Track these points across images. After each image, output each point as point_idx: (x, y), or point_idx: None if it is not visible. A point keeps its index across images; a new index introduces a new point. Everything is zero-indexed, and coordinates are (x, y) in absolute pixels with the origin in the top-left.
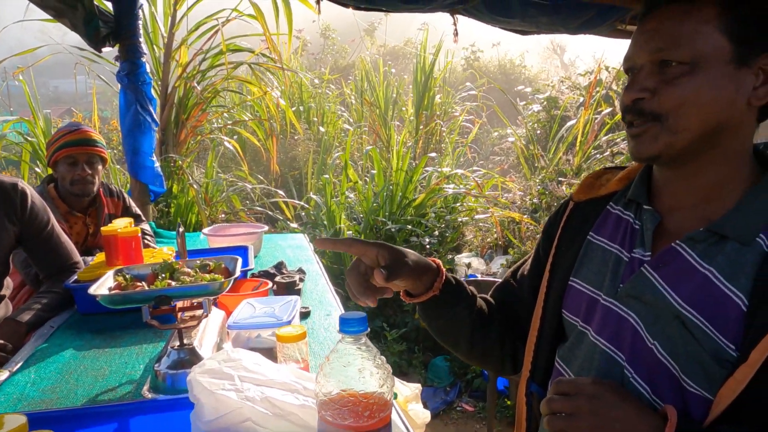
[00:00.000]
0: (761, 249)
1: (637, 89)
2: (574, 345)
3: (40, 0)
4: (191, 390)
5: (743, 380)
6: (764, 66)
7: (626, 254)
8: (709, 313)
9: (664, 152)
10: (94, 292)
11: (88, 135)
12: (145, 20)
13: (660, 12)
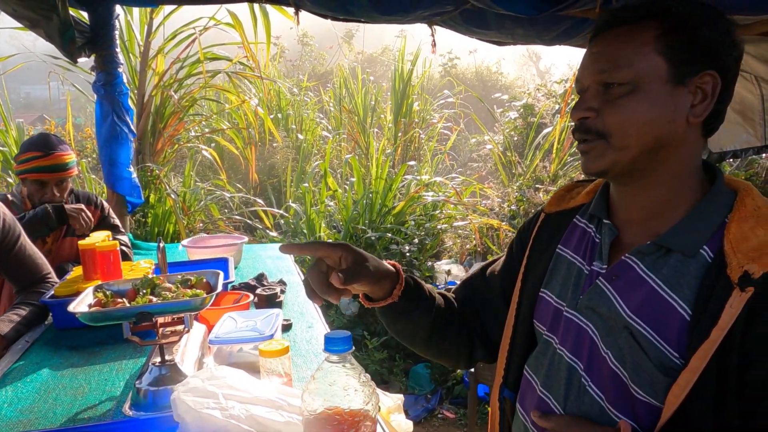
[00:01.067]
0: (704, 260)
1: (583, 109)
2: (541, 354)
3: (13, 10)
4: (175, 409)
5: (686, 386)
6: (700, 84)
7: (587, 267)
8: (655, 323)
9: (610, 168)
10: (74, 309)
11: (59, 159)
12: (121, 29)
13: (605, 36)
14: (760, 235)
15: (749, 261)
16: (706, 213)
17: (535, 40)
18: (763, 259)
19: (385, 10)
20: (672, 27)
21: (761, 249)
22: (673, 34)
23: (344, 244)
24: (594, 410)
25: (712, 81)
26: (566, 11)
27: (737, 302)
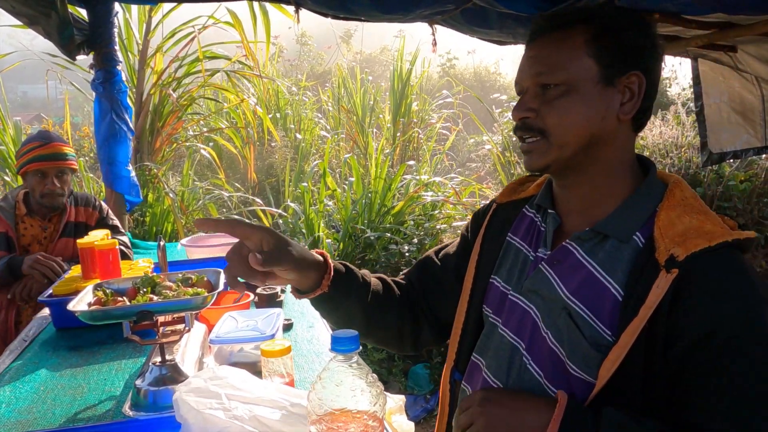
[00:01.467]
0: (636, 245)
1: (523, 109)
2: (487, 337)
3: (11, 7)
4: (178, 410)
5: (616, 360)
6: (627, 84)
7: (532, 253)
8: (591, 304)
9: (552, 164)
10: (74, 308)
11: (59, 149)
12: (120, 27)
13: (540, 40)
14: (686, 222)
15: (675, 245)
16: (639, 202)
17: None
18: (687, 243)
19: (386, 8)
20: (600, 32)
21: (686, 234)
22: (601, 38)
23: (265, 227)
24: (533, 387)
25: (638, 80)
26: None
27: (663, 283)
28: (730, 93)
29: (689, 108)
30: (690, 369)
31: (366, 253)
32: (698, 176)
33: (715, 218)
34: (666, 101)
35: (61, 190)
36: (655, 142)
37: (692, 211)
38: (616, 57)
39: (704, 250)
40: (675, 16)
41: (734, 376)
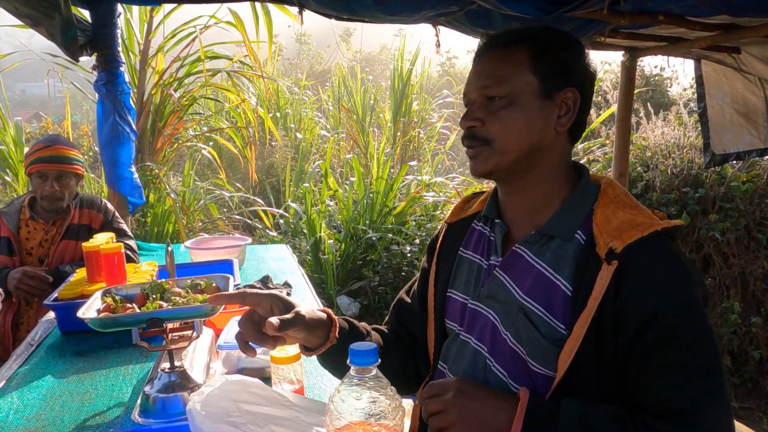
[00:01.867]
0: (579, 243)
1: (470, 119)
2: (450, 345)
3: (15, 9)
4: (192, 420)
5: (571, 352)
6: (564, 99)
7: (485, 262)
8: (544, 302)
9: (495, 170)
10: (83, 315)
11: (60, 152)
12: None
13: (487, 56)
14: (620, 217)
15: (613, 239)
16: (576, 203)
17: None
18: (622, 236)
19: (390, 10)
20: (540, 50)
21: (621, 228)
22: (541, 56)
23: (273, 294)
24: (499, 387)
25: (573, 96)
26: (573, 12)
27: (606, 274)
28: (733, 94)
29: (691, 108)
30: (636, 353)
31: (368, 254)
32: (700, 177)
33: (646, 211)
34: (667, 101)
35: (60, 193)
36: (656, 143)
37: (624, 207)
38: (554, 73)
39: (638, 241)
40: (679, 18)
41: (671, 355)
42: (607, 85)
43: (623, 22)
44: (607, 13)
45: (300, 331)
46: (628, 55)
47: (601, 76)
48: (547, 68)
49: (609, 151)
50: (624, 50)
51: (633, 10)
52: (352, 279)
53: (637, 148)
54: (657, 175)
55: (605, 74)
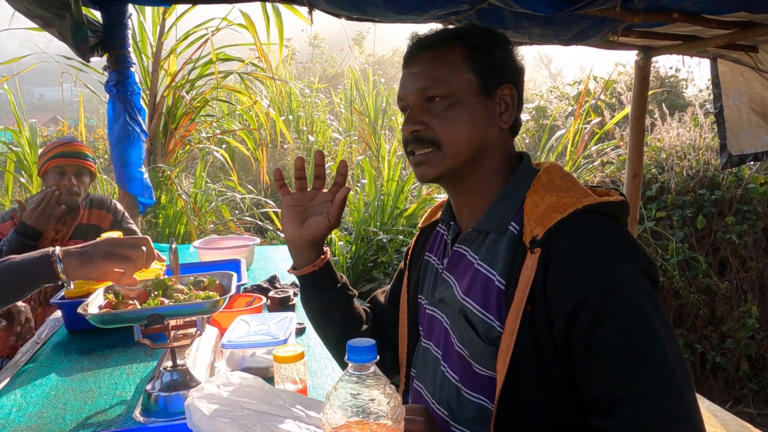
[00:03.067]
0: (512, 235)
1: (413, 123)
2: (417, 351)
3: (26, 9)
4: (190, 416)
5: (508, 349)
6: (502, 96)
7: (440, 265)
8: (481, 299)
9: (444, 173)
10: (84, 311)
11: (79, 148)
12: (134, 29)
13: (419, 57)
14: (547, 201)
15: (536, 225)
16: (509, 194)
17: (552, 40)
18: (544, 221)
19: (400, 9)
20: (474, 48)
21: (545, 213)
22: (477, 53)
23: None
24: (452, 393)
25: (510, 92)
26: (585, 10)
27: (530, 264)
28: (751, 94)
29: (707, 109)
30: (575, 344)
31: (378, 256)
32: (717, 179)
33: (578, 191)
34: (682, 102)
35: (77, 188)
36: (672, 144)
37: (555, 190)
38: (490, 70)
39: (559, 223)
40: (694, 16)
41: (606, 341)
42: (621, 86)
43: (637, 19)
44: (620, 10)
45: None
46: (642, 54)
47: (615, 77)
48: (484, 66)
49: (623, 152)
50: (638, 49)
51: (647, 7)
52: (363, 281)
53: (652, 150)
54: (672, 177)
55: (619, 75)
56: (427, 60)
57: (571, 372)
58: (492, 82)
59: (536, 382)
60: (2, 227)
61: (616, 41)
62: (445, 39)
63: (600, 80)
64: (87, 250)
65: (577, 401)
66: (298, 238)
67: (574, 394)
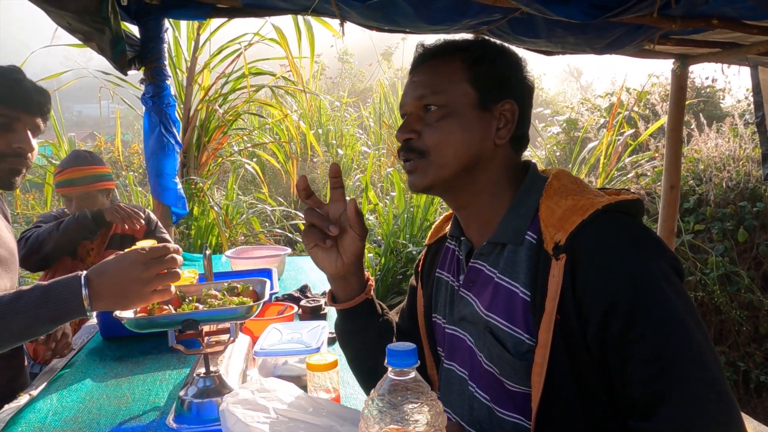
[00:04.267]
0: (530, 244)
1: (406, 131)
2: (440, 374)
3: (68, 25)
4: (224, 421)
5: (543, 363)
6: (502, 111)
7: (455, 282)
8: (506, 313)
9: (433, 184)
10: (120, 315)
11: (81, 173)
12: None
13: (422, 67)
14: (563, 206)
15: (557, 231)
16: (521, 203)
17: (585, 48)
18: (565, 225)
19: (431, 19)
20: (475, 60)
21: (563, 217)
22: (477, 66)
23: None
24: (484, 413)
25: (511, 108)
26: (621, 17)
27: (557, 271)
28: None
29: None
30: (610, 349)
31: (408, 268)
32: (758, 190)
33: (592, 192)
34: (720, 113)
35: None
36: (710, 155)
37: (569, 194)
38: (490, 84)
39: (581, 225)
40: (734, 22)
41: (642, 341)
42: (655, 97)
43: (674, 27)
44: (656, 17)
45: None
46: (678, 62)
47: (649, 88)
48: (484, 79)
49: (658, 164)
50: (674, 58)
51: (684, 13)
52: (392, 294)
53: (689, 161)
54: (711, 189)
55: (653, 87)
56: (428, 69)
57: (607, 377)
58: (491, 96)
59: (573, 392)
60: None
61: (652, 50)
62: (448, 50)
63: (633, 91)
64: (119, 294)
65: (613, 406)
66: (341, 268)
67: (610, 398)
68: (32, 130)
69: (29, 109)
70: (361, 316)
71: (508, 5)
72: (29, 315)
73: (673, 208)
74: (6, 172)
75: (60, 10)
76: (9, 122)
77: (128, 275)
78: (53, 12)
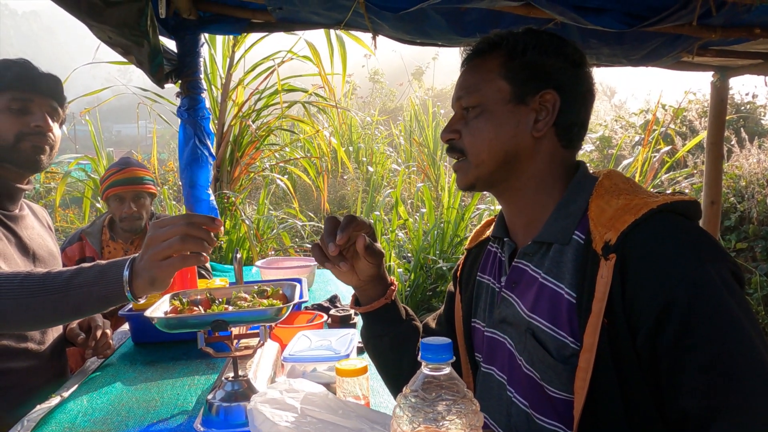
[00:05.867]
0: (577, 244)
1: (448, 132)
2: (477, 378)
3: (109, 39)
4: (251, 420)
5: (588, 367)
6: (542, 102)
7: (497, 285)
8: (549, 315)
9: (475, 182)
10: (150, 314)
11: (134, 173)
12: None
13: (465, 68)
14: (614, 205)
15: (607, 231)
16: (570, 202)
17: (621, 60)
18: (616, 225)
19: (463, 31)
20: (509, 54)
21: (615, 216)
22: (513, 59)
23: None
24: (522, 420)
25: (552, 98)
26: (658, 26)
27: (606, 271)
28: None
29: None
30: (662, 355)
31: (438, 284)
32: None
33: (646, 192)
34: (761, 130)
35: (138, 213)
36: (752, 172)
37: (621, 193)
38: (526, 76)
39: (633, 225)
40: None
41: (698, 348)
42: (692, 114)
43: (714, 36)
44: (696, 26)
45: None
46: (718, 75)
47: (685, 105)
48: (518, 72)
49: (697, 181)
50: (713, 70)
51: (725, 22)
52: (422, 310)
53: (730, 177)
54: (753, 206)
55: (689, 104)
56: (467, 70)
57: (657, 386)
58: (527, 88)
59: (618, 401)
60: (69, 251)
61: (690, 61)
62: (485, 47)
63: (669, 108)
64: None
65: (662, 418)
66: (357, 283)
67: (659, 410)
68: (49, 114)
69: (41, 91)
70: (382, 319)
71: (541, 16)
72: (83, 292)
73: (714, 225)
74: (29, 150)
75: (101, 24)
76: (24, 105)
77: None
78: (94, 26)
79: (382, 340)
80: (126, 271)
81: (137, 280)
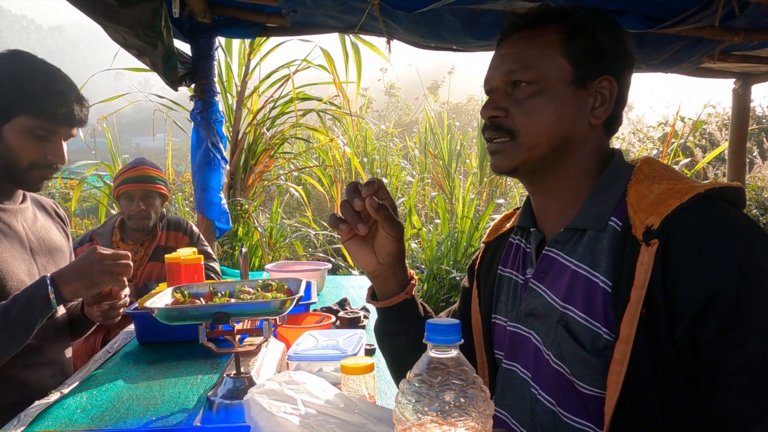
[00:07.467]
0: (614, 231)
1: (493, 108)
2: (500, 379)
3: (123, 40)
4: (248, 411)
5: (623, 359)
6: (599, 89)
7: (521, 277)
8: (583, 304)
9: (520, 166)
10: (151, 305)
11: (145, 172)
12: (220, 70)
13: (512, 38)
14: (656, 190)
15: (649, 216)
16: (606, 188)
17: (640, 65)
18: (659, 209)
19: (478, 34)
20: (573, 32)
21: (657, 201)
22: (575, 38)
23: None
24: (548, 419)
25: (609, 86)
26: (679, 27)
27: (647, 258)
28: None
29: None
30: (703, 348)
31: (451, 295)
32: None
33: (689, 179)
34: None
35: (146, 212)
36: None
37: (662, 179)
38: (588, 59)
39: (678, 209)
40: None
41: (745, 343)
42: (712, 127)
43: (737, 39)
44: (718, 29)
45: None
46: (740, 82)
47: (704, 118)
48: (581, 52)
49: None
50: (735, 77)
51: (748, 25)
52: None
53: (752, 189)
54: None
55: (709, 117)
56: (518, 41)
57: (696, 382)
58: (588, 72)
59: (653, 398)
60: (79, 251)
61: (711, 67)
62: (542, 19)
63: (688, 121)
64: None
65: (701, 417)
66: (376, 267)
67: (697, 408)
68: (66, 138)
69: (71, 124)
70: (400, 316)
71: None
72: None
73: None
74: (37, 179)
75: (115, 25)
76: (47, 134)
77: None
78: (109, 27)
79: (398, 338)
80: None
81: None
